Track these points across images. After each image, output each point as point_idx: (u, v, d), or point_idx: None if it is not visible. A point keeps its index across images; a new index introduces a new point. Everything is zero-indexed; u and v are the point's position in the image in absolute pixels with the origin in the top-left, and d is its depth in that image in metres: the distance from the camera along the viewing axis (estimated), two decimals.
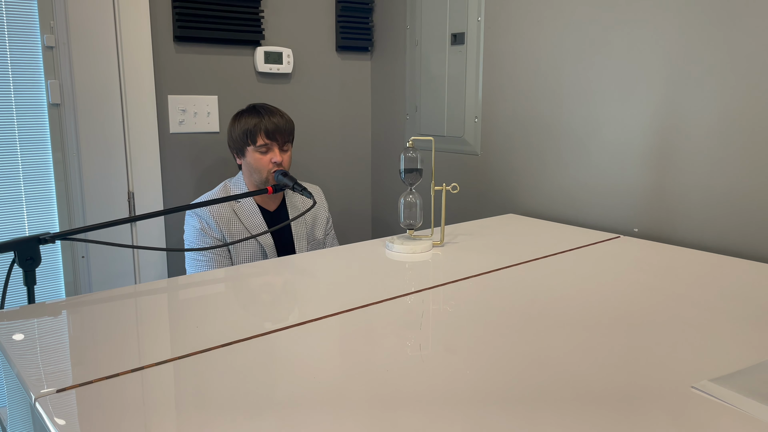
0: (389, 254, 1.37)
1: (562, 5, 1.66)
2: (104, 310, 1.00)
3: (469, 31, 1.94)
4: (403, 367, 0.80)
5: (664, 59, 1.45)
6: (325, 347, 0.86)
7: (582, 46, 1.62)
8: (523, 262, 1.28)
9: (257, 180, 1.74)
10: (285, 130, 1.72)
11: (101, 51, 1.77)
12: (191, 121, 1.99)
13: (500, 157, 1.89)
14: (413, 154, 1.38)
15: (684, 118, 1.42)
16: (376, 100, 2.39)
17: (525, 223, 1.70)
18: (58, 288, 1.86)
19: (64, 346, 0.87)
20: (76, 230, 1.20)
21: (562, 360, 0.82)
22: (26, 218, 1.77)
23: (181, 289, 1.16)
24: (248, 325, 0.94)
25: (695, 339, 0.89)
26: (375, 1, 2.32)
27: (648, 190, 1.51)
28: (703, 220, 1.41)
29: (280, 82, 2.17)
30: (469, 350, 0.85)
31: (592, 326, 0.94)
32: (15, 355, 0.82)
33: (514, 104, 1.83)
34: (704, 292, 1.10)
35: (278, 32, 2.13)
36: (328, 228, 1.92)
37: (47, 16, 1.72)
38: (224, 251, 1.72)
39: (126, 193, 1.88)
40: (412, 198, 1.40)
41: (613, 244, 1.45)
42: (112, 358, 0.81)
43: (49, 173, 1.79)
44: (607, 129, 1.59)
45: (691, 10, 1.39)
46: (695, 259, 1.31)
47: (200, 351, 0.84)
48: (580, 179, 1.67)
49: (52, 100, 1.75)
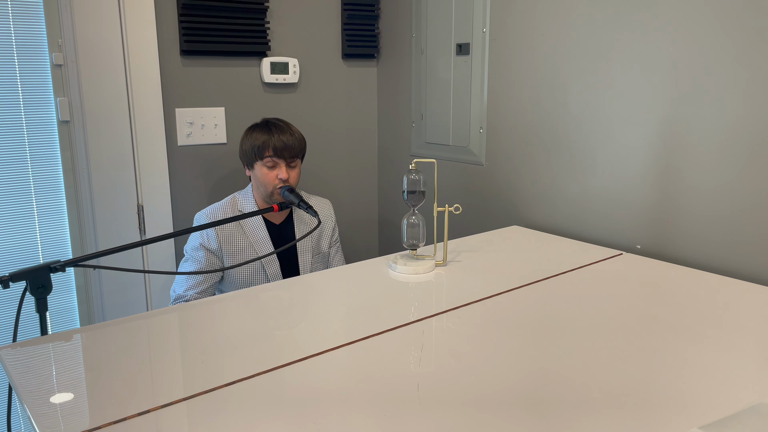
0: (392, 274, 1.39)
1: (568, 18, 1.65)
2: (116, 343, 1.03)
3: (474, 42, 1.94)
4: (404, 406, 0.82)
5: (671, 75, 1.45)
6: (330, 383, 0.89)
7: (587, 59, 1.62)
8: (525, 285, 1.30)
9: (263, 194, 1.77)
10: (293, 147, 1.74)
11: (109, 67, 1.79)
12: (199, 133, 2.01)
13: (505, 168, 1.90)
14: (416, 176, 1.39)
15: (690, 135, 1.42)
16: (383, 106, 2.40)
17: (528, 237, 1.71)
18: (71, 299, 1.90)
19: (78, 383, 0.90)
20: (87, 257, 1.23)
21: (564, 397, 0.84)
22: (38, 231, 1.81)
23: (190, 318, 1.18)
24: (253, 360, 0.96)
25: (694, 375, 0.90)
26: (381, 9, 2.32)
27: (651, 206, 1.52)
28: (706, 239, 1.42)
29: (287, 92, 2.19)
30: (469, 388, 0.87)
31: (593, 359, 0.95)
32: (27, 396, 0.85)
33: (518, 115, 1.83)
34: (706, 319, 1.11)
35: (284, 42, 2.14)
36: (334, 240, 1.94)
37: (55, 34, 1.74)
38: (219, 263, 1.74)
39: (135, 206, 1.91)
40: (415, 219, 1.41)
41: (616, 262, 1.46)
42: (125, 398, 0.84)
43: (59, 188, 1.83)
44: (612, 143, 1.59)
45: (699, 25, 1.38)
46: (698, 281, 1.32)
47: (209, 390, 0.86)
48: (584, 193, 1.68)
49: (61, 117, 1.78)
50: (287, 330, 1.10)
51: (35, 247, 1.82)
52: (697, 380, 0.89)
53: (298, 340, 1.04)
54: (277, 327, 1.11)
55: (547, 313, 1.15)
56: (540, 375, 0.91)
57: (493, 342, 1.03)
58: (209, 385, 0.88)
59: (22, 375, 0.91)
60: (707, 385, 0.88)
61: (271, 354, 0.98)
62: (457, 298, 1.23)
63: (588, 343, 1.02)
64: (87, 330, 1.15)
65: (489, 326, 1.10)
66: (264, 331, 1.09)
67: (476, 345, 1.02)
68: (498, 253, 1.54)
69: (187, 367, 0.95)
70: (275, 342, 1.04)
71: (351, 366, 0.95)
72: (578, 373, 0.92)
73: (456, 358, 0.97)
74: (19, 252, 1.79)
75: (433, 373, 0.92)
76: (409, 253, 1.46)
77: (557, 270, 1.39)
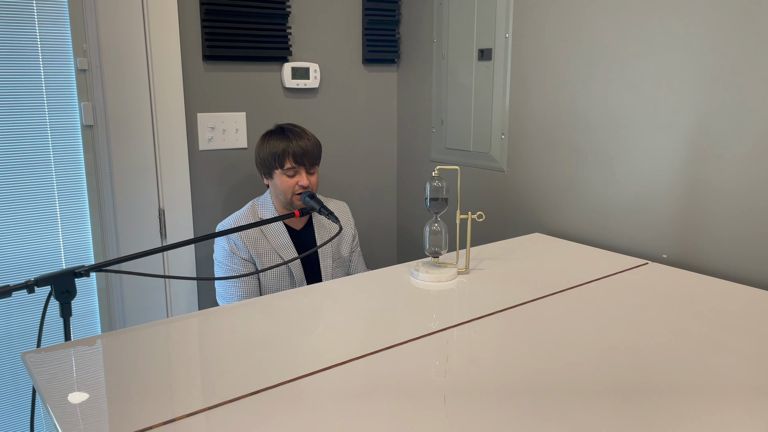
0: (414, 282, 1.37)
1: (593, 26, 1.63)
2: (138, 349, 1.03)
3: (496, 48, 1.92)
4: (431, 420, 0.80)
5: (699, 81, 1.42)
6: (351, 394, 0.88)
7: (612, 66, 1.60)
8: (549, 294, 1.28)
9: (283, 201, 1.77)
10: (312, 153, 1.74)
11: (132, 73, 1.81)
12: (220, 138, 2.02)
13: (527, 174, 1.88)
14: (439, 183, 1.38)
15: (717, 142, 1.40)
16: (402, 112, 2.39)
17: (551, 244, 1.69)
18: (92, 303, 1.92)
19: (100, 389, 0.90)
20: (110, 262, 1.23)
21: (595, 410, 0.82)
22: (61, 235, 1.82)
23: (210, 324, 1.18)
24: (273, 369, 0.96)
25: (731, 393, 0.88)
26: (402, 14, 2.31)
27: (678, 214, 1.49)
28: (735, 248, 1.39)
29: (307, 97, 2.19)
30: (497, 400, 0.86)
31: (623, 373, 0.93)
32: (51, 400, 0.86)
33: (541, 122, 1.81)
34: (739, 332, 1.08)
35: (305, 47, 2.15)
36: (354, 245, 1.94)
37: (80, 39, 1.75)
38: (252, 271, 1.75)
39: (157, 210, 1.92)
40: (438, 226, 1.40)
41: (642, 272, 1.43)
42: (145, 406, 0.83)
43: (82, 191, 1.84)
44: (636, 151, 1.57)
45: (726, 35, 1.36)
46: (727, 292, 1.29)
47: (230, 400, 0.86)
48: (607, 201, 1.65)
49: (85, 121, 1.79)
50: (308, 338, 1.09)
51: (58, 250, 1.83)
52: (733, 398, 0.87)
53: (319, 349, 1.03)
54: (298, 335, 1.10)
55: (575, 324, 1.13)
56: (570, 388, 0.90)
57: (520, 353, 1.01)
58: (228, 395, 0.87)
59: (47, 380, 0.91)
60: (744, 401, 0.85)
61: (292, 363, 0.98)
62: (481, 306, 1.21)
63: (617, 357, 1.00)
64: (109, 336, 1.15)
65: (515, 337, 1.08)
66: (284, 339, 1.08)
67: (502, 356, 1.00)
68: (521, 262, 1.53)
69: (205, 375, 0.94)
70: (296, 350, 1.04)
71: (373, 376, 0.94)
72: (606, 387, 0.90)
73: (481, 368, 0.96)
74: (41, 256, 1.80)
75: (460, 384, 0.91)
76: (431, 261, 1.44)
77: (582, 279, 1.37)
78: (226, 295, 1.74)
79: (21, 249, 1.77)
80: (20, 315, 1.81)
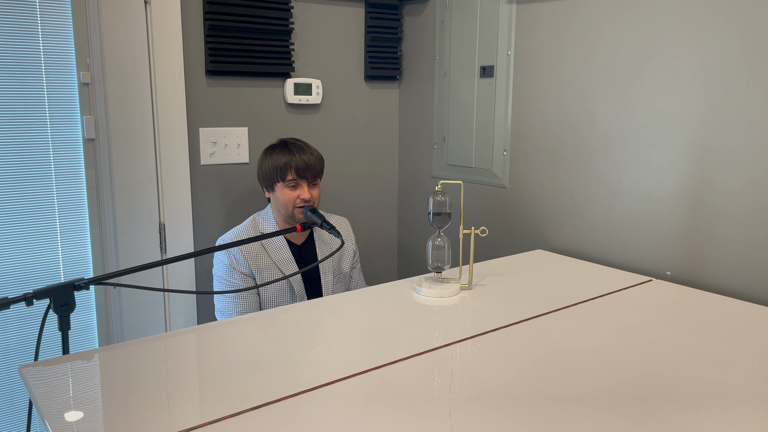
0: (417, 297, 1.36)
1: (594, 42, 1.64)
2: (136, 364, 1.02)
3: (498, 65, 1.93)
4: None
5: (702, 98, 1.42)
6: (354, 410, 0.86)
7: (613, 83, 1.60)
8: (553, 311, 1.27)
9: (284, 214, 1.76)
10: (315, 167, 1.74)
11: (135, 87, 1.81)
12: (222, 152, 2.02)
13: (529, 191, 1.88)
14: (442, 198, 1.37)
15: (721, 159, 1.39)
16: (404, 129, 2.39)
17: (554, 261, 1.68)
18: (90, 317, 1.90)
19: (97, 403, 0.88)
20: (110, 275, 1.22)
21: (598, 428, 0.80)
22: (60, 248, 1.81)
23: (208, 339, 1.17)
24: (272, 385, 0.94)
25: (737, 407, 0.86)
26: (404, 31, 2.33)
27: (682, 231, 1.48)
28: (739, 266, 1.38)
29: (309, 113, 2.19)
30: (503, 417, 0.84)
31: (627, 391, 0.92)
32: (48, 414, 0.84)
33: (543, 138, 1.81)
34: (744, 350, 1.07)
35: (308, 64, 2.15)
36: (355, 261, 1.92)
37: (83, 53, 1.76)
38: (254, 284, 1.73)
39: (157, 224, 1.91)
40: (440, 241, 1.39)
41: (646, 289, 1.42)
42: (142, 422, 0.82)
43: (83, 204, 1.83)
44: (639, 166, 1.56)
45: (731, 49, 1.36)
46: (731, 308, 1.28)
47: (229, 416, 0.84)
48: (610, 217, 1.64)
49: (87, 135, 1.79)
50: (309, 354, 1.08)
51: (57, 263, 1.82)
52: (738, 414, 0.85)
53: (320, 365, 1.02)
54: (298, 350, 1.09)
55: (579, 340, 1.12)
56: (575, 403, 0.88)
57: (523, 368, 1.00)
58: (227, 411, 0.86)
59: (44, 394, 0.90)
60: (749, 417, 0.84)
61: (293, 378, 0.96)
62: (485, 322, 1.20)
63: (621, 374, 0.98)
64: (108, 350, 1.13)
65: (518, 352, 1.07)
66: (284, 355, 1.07)
67: (506, 371, 0.99)
68: (523, 278, 1.51)
69: (204, 390, 0.93)
70: (296, 365, 1.02)
71: (376, 392, 0.92)
72: (610, 403, 0.88)
73: (485, 384, 0.94)
74: (40, 268, 1.79)
75: (464, 399, 0.89)
76: (433, 276, 1.43)
77: (585, 296, 1.36)
78: (225, 311, 1.72)
79: (20, 261, 1.76)
80: (18, 328, 1.79)
